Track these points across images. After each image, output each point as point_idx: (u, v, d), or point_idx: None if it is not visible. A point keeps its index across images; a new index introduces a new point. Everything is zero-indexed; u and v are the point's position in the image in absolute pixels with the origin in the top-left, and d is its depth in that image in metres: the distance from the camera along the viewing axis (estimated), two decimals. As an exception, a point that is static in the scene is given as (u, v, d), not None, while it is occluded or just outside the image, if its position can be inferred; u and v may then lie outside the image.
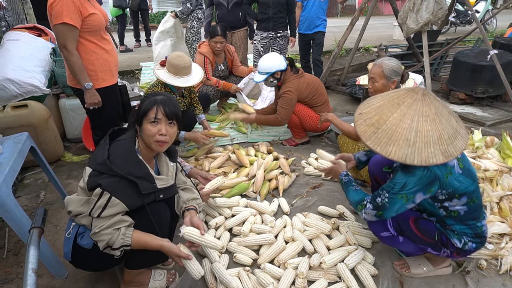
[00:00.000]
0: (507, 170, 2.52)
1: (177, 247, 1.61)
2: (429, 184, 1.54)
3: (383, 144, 1.49)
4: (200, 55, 4.00)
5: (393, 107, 1.53)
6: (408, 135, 1.46)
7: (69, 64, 2.39)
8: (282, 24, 4.65)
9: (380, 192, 1.63)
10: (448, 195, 1.58)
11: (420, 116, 1.48)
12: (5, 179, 1.77)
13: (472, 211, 1.64)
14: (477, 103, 4.52)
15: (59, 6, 2.23)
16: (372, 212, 1.66)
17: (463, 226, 1.66)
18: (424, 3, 4.11)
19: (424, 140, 1.45)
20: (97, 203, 1.48)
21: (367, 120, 1.57)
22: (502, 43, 4.92)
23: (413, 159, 1.44)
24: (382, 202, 1.61)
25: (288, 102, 3.26)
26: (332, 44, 8.27)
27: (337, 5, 16.93)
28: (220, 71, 4.23)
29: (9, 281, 1.99)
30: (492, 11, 10.75)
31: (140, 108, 1.65)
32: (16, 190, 2.92)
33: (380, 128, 1.52)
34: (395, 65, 2.39)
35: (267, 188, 2.70)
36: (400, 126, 1.48)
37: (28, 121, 3.04)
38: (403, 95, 1.54)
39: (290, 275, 1.83)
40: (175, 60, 2.96)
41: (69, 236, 1.66)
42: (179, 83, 2.99)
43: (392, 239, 1.80)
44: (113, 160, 1.54)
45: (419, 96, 1.51)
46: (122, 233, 1.50)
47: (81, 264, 1.73)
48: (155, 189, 1.60)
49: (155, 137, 1.61)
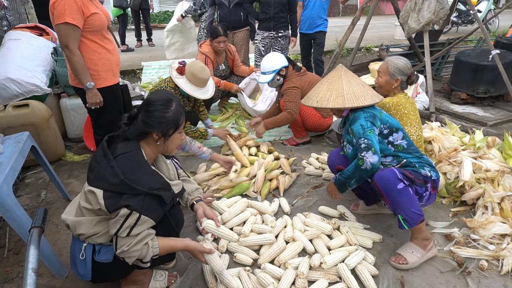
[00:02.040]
0: (508, 170, 2.51)
1: (200, 245, 1.69)
2: (373, 119, 2.02)
3: (350, 101, 2.05)
4: (201, 54, 4.00)
5: (335, 82, 2.17)
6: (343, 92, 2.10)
7: (71, 64, 2.39)
8: (284, 24, 4.64)
9: (358, 142, 1.98)
10: (388, 129, 2.03)
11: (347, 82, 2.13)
12: (6, 179, 1.77)
13: (411, 145, 2.07)
14: (479, 103, 4.50)
15: (61, 5, 2.23)
16: (368, 153, 1.92)
17: (414, 158, 2.04)
18: (426, 2, 4.09)
19: (354, 94, 2.08)
20: (125, 223, 1.44)
21: (331, 98, 2.11)
22: (504, 43, 4.90)
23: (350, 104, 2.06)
24: (366, 143, 1.94)
25: (293, 95, 3.25)
26: (333, 44, 8.26)
27: (339, 4, 16.91)
28: (221, 71, 4.23)
29: (10, 280, 1.99)
30: (494, 10, 10.70)
31: (169, 121, 1.60)
32: (17, 189, 2.92)
33: (333, 96, 2.11)
34: (402, 64, 2.40)
35: (267, 188, 2.70)
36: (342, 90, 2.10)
37: (29, 120, 3.04)
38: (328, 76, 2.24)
39: (291, 275, 1.83)
40: (200, 73, 2.94)
41: (83, 258, 1.58)
42: (199, 95, 3.00)
43: (405, 193, 1.89)
44: (131, 177, 1.47)
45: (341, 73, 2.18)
46: (150, 246, 1.52)
47: (101, 279, 1.70)
48: (174, 195, 1.64)
49: (179, 143, 1.70)
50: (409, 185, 1.91)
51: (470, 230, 2.25)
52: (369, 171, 1.94)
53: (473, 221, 2.27)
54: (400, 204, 1.90)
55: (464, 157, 2.59)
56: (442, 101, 4.70)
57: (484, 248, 2.10)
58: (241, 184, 2.69)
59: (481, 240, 2.15)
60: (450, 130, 3.00)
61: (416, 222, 1.91)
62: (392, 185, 1.88)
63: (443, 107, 4.44)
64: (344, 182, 2.06)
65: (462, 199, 2.51)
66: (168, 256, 1.78)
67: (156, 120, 1.58)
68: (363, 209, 2.46)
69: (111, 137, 1.64)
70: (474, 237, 2.18)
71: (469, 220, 2.30)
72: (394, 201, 1.91)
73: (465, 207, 2.51)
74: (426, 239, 2.02)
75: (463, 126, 3.44)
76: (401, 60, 2.42)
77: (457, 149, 2.71)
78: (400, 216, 1.92)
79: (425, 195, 2.02)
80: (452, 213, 2.46)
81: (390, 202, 1.93)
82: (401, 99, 2.40)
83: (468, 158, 2.57)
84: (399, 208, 1.91)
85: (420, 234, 2.01)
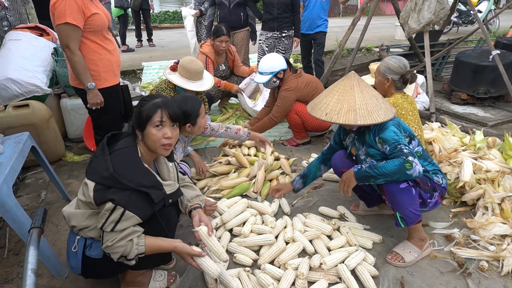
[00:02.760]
0: (509, 171, 2.50)
1: (189, 247, 1.62)
2: (398, 126, 1.95)
3: (362, 118, 1.86)
4: (202, 55, 3.99)
5: (346, 93, 1.94)
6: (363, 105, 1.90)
7: (72, 64, 2.39)
8: (287, 24, 4.66)
9: (397, 147, 1.84)
10: (408, 137, 1.99)
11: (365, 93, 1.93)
12: (5, 179, 1.77)
13: (424, 151, 2.08)
14: (479, 104, 4.49)
15: (62, 6, 2.23)
16: (416, 160, 1.80)
17: (430, 164, 2.05)
18: (426, 3, 4.09)
19: (367, 109, 1.89)
20: (110, 218, 1.44)
21: (341, 112, 1.90)
22: (505, 43, 4.90)
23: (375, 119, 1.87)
24: (408, 149, 1.83)
25: (285, 101, 3.28)
26: (334, 44, 8.26)
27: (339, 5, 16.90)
28: (221, 71, 4.22)
29: (10, 280, 1.99)
30: (494, 10, 10.69)
31: (141, 113, 1.58)
32: (17, 189, 2.92)
33: (351, 109, 1.89)
34: (392, 63, 2.33)
35: (267, 188, 2.70)
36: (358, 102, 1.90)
37: (30, 120, 3.04)
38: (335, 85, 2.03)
39: (290, 276, 1.83)
40: (189, 64, 2.92)
41: (75, 250, 1.60)
42: (194, 88, 2.95)
43: (407, 192, 1.89)
44: (121, 172, 1.49)
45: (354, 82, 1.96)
46: (135, 243, 1.50)
47: (92, 274, 1.71)
48: (165, 195, 1.61)
49: (161, 141, 1.58)
50: (413, 185, 1.91)
51: (471, 230, 2.25)
52: (409, 177, 1.81)
53: (473, 222, 2.27)
54: (400, 202, 1.90)
55: (464, 158, 2.58)
56: (442, 101, 4.70)
57: (485, 248, 2.10)
58: (241, 184, 2.69)
59: (482, 241, 2.14)
60: (451, 130, 3.00)
61: (414, 222, 1.93)
62: (395, 183, 1.88)
63: (443, 108, 4.44)
64: (371, 176, 1.86)
65: (463, 200, 2.51)
66: (165, 257, 1.76)
67: (134, 115, 1.63)
68: (363, 210, 2.46)
69: (114, 135, 1.68)
70: (474, 237, 2.18)
71: (470, 221, 2.29)
72: (394, 199, 1.91)
73: (465, 208, 2.50)
74: (423, 239, 2.05)
75: (464, 127, 3.44)
76: (393, 60, 2.36)
77: (457, 149, 2.71)
78: (398, 214, 1.93)
79: (430, 203, 2.02)
80: (453, 214, 2.46)
81: (390, 199, 1.93)
82: (398, 99, 2.36)
83: (468, 159, 2.57)
84: (398, 206, 1.91)
85: (417, 234, 2.04)
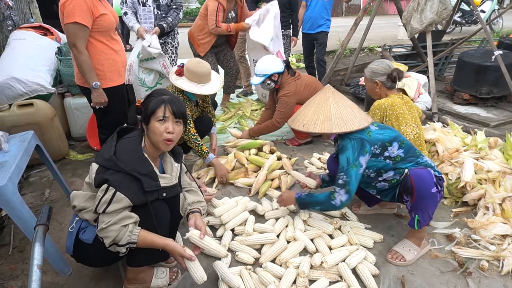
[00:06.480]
0: (510, 171, 2.51)
1: (181, 248, 1.63)
2: (361, 147, 1.92)
3: (338, 126, 1.96)
4: (214, 1, 3.72)
5: (322, 104, 2.07)
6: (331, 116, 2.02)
7: (78, 63, 2.42)
8: (285, 23, 4.65)
9: (339, 176, 1.96)
10: (380, 147, 1.95)
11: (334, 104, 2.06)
12: (11, 177, 1.79)
13: (408, 151, 1.99)
14: (482, 104, 4.49)
15: (72, 5, 2.27)
16: (342, 191, 1.95)
17: (414, 164, 1.98)
18: (429, 3, 4.09)
19: (342, 118, 1.99)
20: (102, 198, 1.50)
21: (317, 122, 2.02)
22: (508, 43, 4.90)
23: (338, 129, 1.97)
24: (344, 180, 1.94)
25: (286, 105, 3.26)
26: (336, 44, 8.26)
27: (342, 5, 16.89)
28: (230, 19, 4.03)
29: (15, 277, 2.02)
30: (498, 10, 10.66)
31: (147, 107, 1.66)
32: (22, 188, 2.95)
33: (325, 119, 2.01)
34: (376, 66, 2.46)
35: (266, 186, 2.71)
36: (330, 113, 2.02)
37: (34, 119, 3.08)
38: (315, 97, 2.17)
39: (292, 274, 1.85)
40: (196, 68, 2.72)
41: (72, 230, 1.69)
42: (205, 91, 2.76)
43: (434, 197, 1.91)
44: (119, 156, 1.56)
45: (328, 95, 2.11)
46: (129, 230, 1.52)
47: (81, 259, 1.77)
48: (158, 187, 1.62)
49: (163, 135, 1.63)
50: (439, 191, 1.92)
51: (471, 230, 2.26)
52: (336, 208, 2.00)
53: (474, 222, 2.28)
54: (424, 206, 1.92)
55: (465, 158, 2.59)
56: (445, 101, 4.70)
57: (485, 248, 2.11)
58: (254, 142, 3.00)
59: (482, 241, 2.15)
60: (452, 130, 3.01)
61: (425, 224, 1.97)
62: (427, 187, 1.88)
63: (445, 108, 4.44)
64: (308, 203, 2.12)
65: (464, 200, 2.51)
66: (162, 254, 1.74)
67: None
68: (365, 210, 2.47)
69: (127, 128, 1.78)
70: (475, 237, 2.19)
71: (470, 221, 2.30)
72: (421, 202, 1.91)
73: (466, 208, 2.51)
74: (421, 237, 2.08)
75: (465, 127, 3.44)
76: (374, 64, 2.49)
77: (459, 149, 2.72)
78: (417, 217, 1.94)
79: (441, 191, 2.01)
80: (454, 214, 2.47)
81: (416, 200, 1.92)
82: (395, 99, 2.39)
83: (469, 159, 2.58)
84: (421, 209, 1.92)
85: (420, 234, 2.06)
